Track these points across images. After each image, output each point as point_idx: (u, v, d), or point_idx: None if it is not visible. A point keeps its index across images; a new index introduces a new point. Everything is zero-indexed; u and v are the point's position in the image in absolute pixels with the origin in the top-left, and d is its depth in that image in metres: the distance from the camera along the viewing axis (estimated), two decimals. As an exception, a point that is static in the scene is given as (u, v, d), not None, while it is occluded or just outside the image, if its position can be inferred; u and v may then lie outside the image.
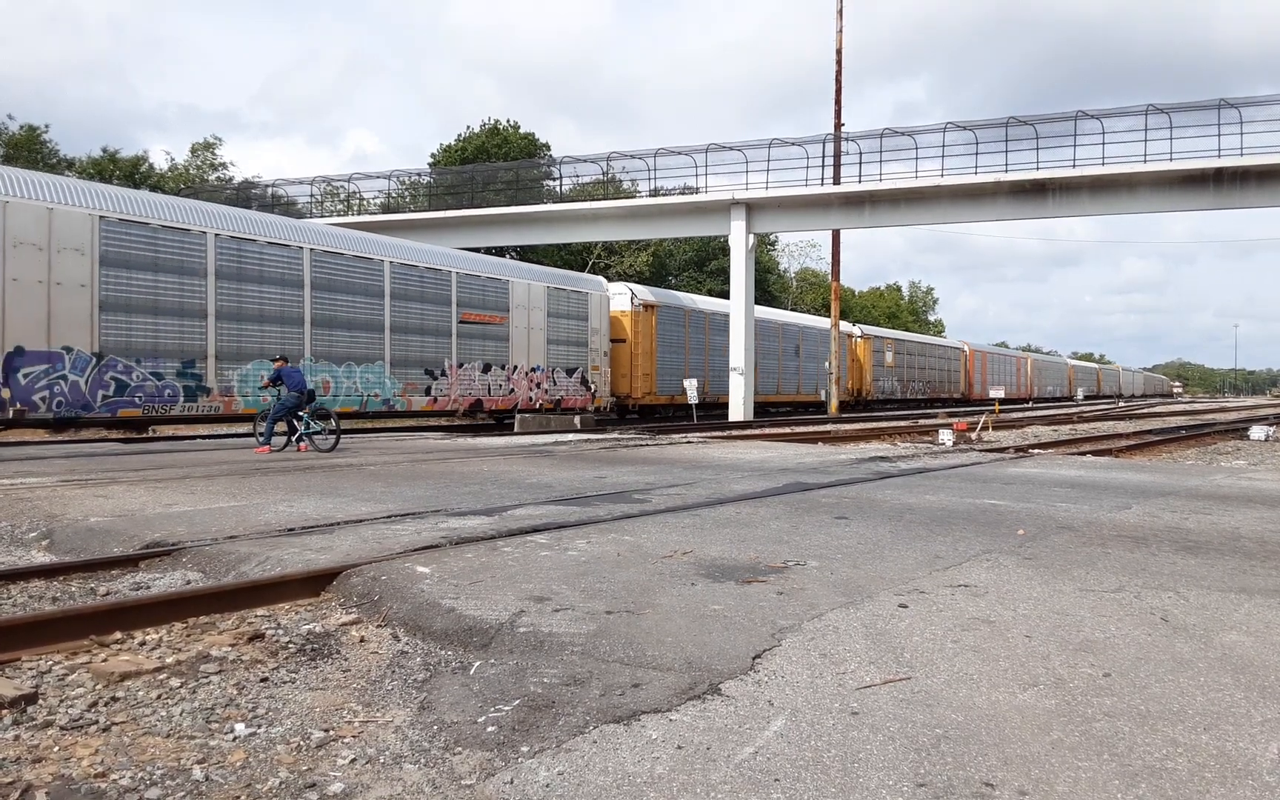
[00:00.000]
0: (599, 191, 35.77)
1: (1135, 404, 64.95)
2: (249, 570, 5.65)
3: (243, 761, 3.02)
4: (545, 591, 4.97)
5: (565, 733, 3.16)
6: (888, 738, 3.09)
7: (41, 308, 15.71)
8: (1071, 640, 4.22)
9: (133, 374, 17.00)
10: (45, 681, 3.79)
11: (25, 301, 15.45)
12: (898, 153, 30.23)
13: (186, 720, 3.38)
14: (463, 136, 56.58)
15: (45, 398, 15.86)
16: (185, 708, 3.50)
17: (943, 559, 6.07)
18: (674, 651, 3.99)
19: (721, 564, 5.79)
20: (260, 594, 5.03)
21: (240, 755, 3.07)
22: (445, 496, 8.90)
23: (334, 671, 3.97)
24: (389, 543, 6.31)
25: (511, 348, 25.12)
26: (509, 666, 3.88)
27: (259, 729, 3.31)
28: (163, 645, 4.32)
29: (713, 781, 2.78)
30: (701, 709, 3.36)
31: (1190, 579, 5.55)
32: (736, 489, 9.89)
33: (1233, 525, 7.72)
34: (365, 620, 4.71)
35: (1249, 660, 3.96)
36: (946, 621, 4.51)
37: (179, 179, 52.50)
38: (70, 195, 16.39)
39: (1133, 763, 2.91)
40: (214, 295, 18.27)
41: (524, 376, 25.58)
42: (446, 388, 23.23)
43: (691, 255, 62.81)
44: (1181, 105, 27.06)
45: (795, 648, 4.06)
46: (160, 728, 3.32)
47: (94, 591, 5.41)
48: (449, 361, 23.27)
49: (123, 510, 7.81)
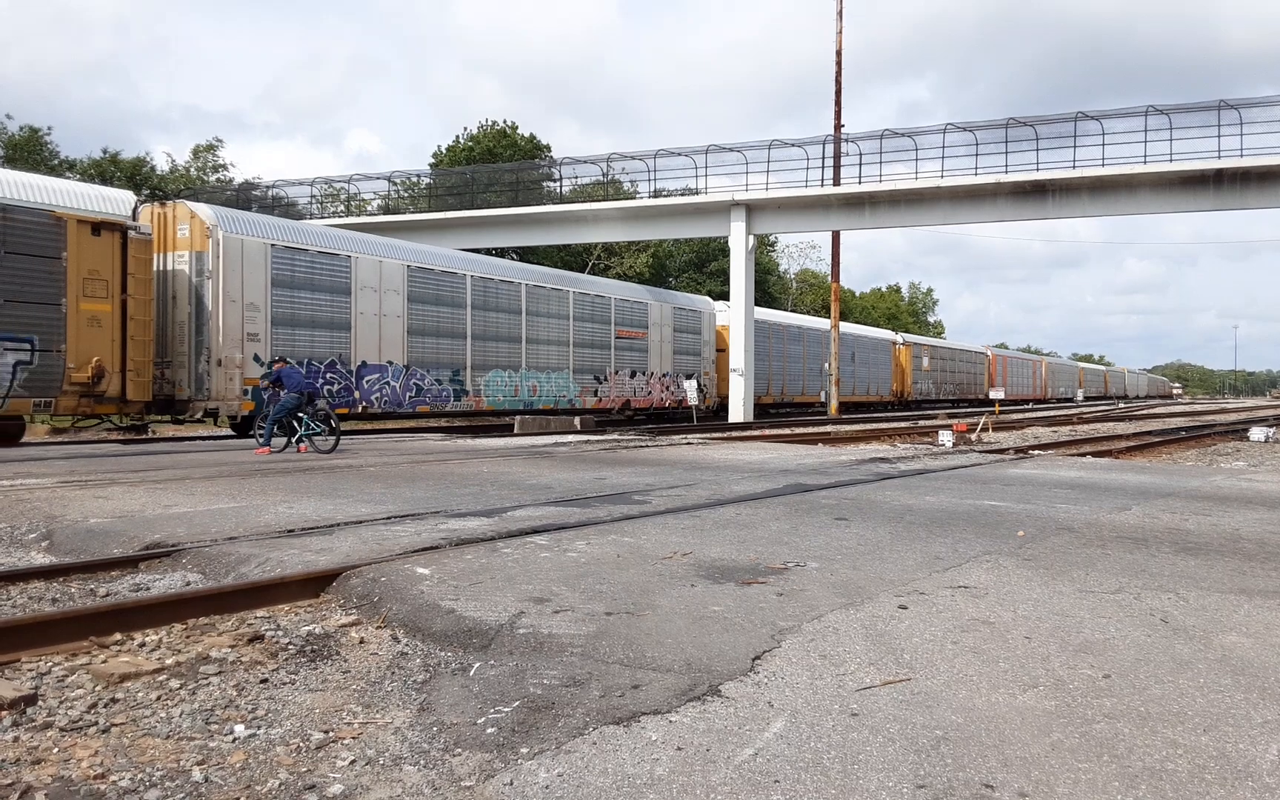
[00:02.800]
0: (599, 192, 35.78)
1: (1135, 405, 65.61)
2: (249, 571, 5.65)
3: (242, 763, 3.02)
4: (545, 593, 4.97)
5: (565, 734, 3.16)
6: (887, 739, 3.09)
7: (375, 333, 21.31)
8: (1071, 641, 4.22)
9: (425, 380, 22.55)
10: (45, 683, 3.79)
11: (366, 329, 21.12)
12: (898, 154, 30.27)
13: (186, 721, 3.38)
14: (462, 138, 56.59)
15: (377, 397, 21.31)
16: (185, 709, 3.50)
17: (943, 560, 6.07)
18: (674, 653, 3.99)
19: (721, 565, 5.79)
20: (260, 595, 5.03)
21: (240, 756, 3.07)
22: (445, 498, 8.90)
23: (334, 673, 3.97)
24: (389, 544, 6.31)
25: (649, 357, 30.80)
26: (509, 668, 3.88)
27: (258, 730, 3.31)
28: (162, 647, 4.32)
29: (712, 783, 2.77)
30: (701, 710, 3.36)
31: (1190, 580, 5.55)
32: (736, 490, 9.89)
33: (1232, 526, 7.72)
34: (365, 621, 4.71)
35: (1249, 661, 3.95)
36: (946, 623, 4.51)
37: (180, 180, 52.50)
38: (390, 251, 22.31)
39: (1132, 764, 2.91)
40: (470, 321, 24.03)
41: (658, 381, 31.09)
42: (608, 390, 28.86)
43: (691, 256, 62.81)
44: (1181, 106, 27.08)
45: (795, 649, 4.06)
46: (160, 729, 3.32)
47: (94, 593, 5.40)
48: (609, 369, 29.01)
49: (122, 511, 7.80)
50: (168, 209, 18.69)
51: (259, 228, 19.53)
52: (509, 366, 24.97)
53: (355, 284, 20.74)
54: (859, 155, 30.82)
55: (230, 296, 18.34)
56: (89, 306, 15.94)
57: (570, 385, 27.28)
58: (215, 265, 18.15)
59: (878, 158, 30.41)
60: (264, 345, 19.04)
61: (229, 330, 18.34)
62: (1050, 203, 28.47)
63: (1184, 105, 27.10)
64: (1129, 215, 29.13)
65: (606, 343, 28.67)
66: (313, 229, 22.10)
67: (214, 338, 18.16)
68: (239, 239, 18.60)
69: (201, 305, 18.14)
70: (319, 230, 22.04)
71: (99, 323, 16.10)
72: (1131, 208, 28.33)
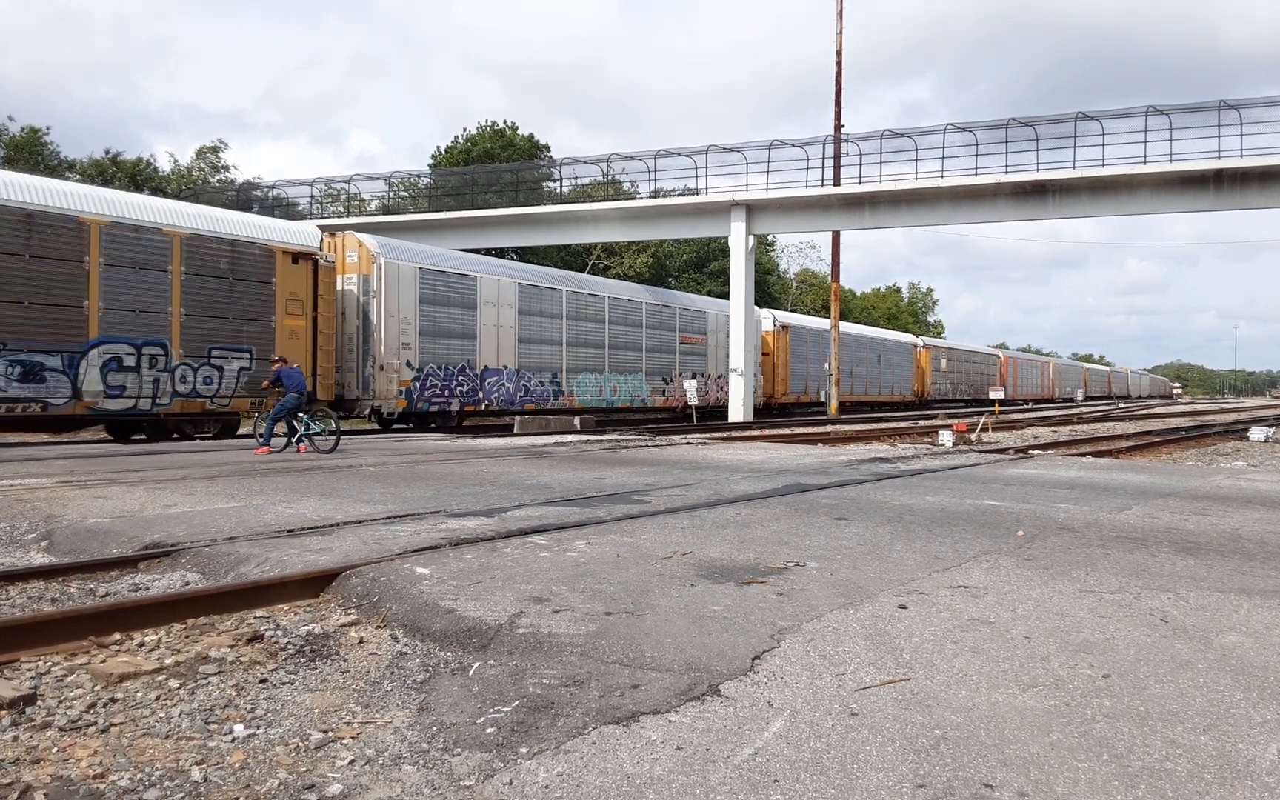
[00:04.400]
0: (599, 193, 35.74)
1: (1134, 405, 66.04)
2: (248, 571, 5.65)
3: (241, 763, 3.02)
4: (544, 593, 4.97)
5: (564, 734, 3.16)
6: (887, 739, 3.09)
7: (494, 341, 24.80)
8: (1071, 641, 4.22)
9: (532, 382, 25.99)
10: (44, 682, 3.79)
11: (487, 338, 24.57)
12: (898, 154, 30.24)
13: (185, 721, 3.38)
14: (461, 139, 56.55)
15: (496, 397, 24.83)
16: (184, 709, 3.50)
17: (942, 560, 6.07)
18: (673, 653, 3.99)
19: (721, 565, 5.79)
20: (259, 595, 5.03)
21: (239, 756, 3.07)
22: (445, 498, 8.90)
23: (333, 672, 3.97)
24: (388, 544, 6.31)
25: (707, 361, 34.19)
26: (508, 667, 3.87)
27: (258, 730, 3.31)
28: (162, 646, 4.31)
29: (712, 783, 2.77)
30: (701, 710, 3.36)
31: (1190, 580, 5.55)
32: (736, 490, 9.89)
33: (1232, 526, 7.72)
34: (364, 621, 4.71)
35: (1248, 661, 3.95)
36: (946, 622, 4.51)
37: (181, 181, 52.49)
38: (506, 272, 26.29)
39: (1132, 764, 2.91)
40: (565, 330, 27.42)
41: (713, 382, 34.25)
42: (674, 390, 32.23)
43: (691, 256, 62.79)
44: (1181, 106, 27.05)
45: (795, 649, 4.06)
46: (159, 729, 3.32)
47: (93, 592, 5.40)
48: (675, 371, 32.50)
49: (122, 511, 7.80)
50: (338, 238, 21.72)
51: (409, 254, 22.87)
52: (595, 369, 28.66)
53: (479, 300, 24.30)
54: (859, 155, 30.81)
55: (390, 312, 21.72)
56: (290, 322, 19.51)
57: (643, 386, 31.09)
58: (379, 286, 21.52)
59: (878, 158, 30.38)
60: (414, 353, 22.39)
61: (389, 340, 21.69)
62: (1050, 203, 28.45)
63: (1184, 105, 27.08)
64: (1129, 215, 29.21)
65: (673, 348, 32.44)
66: (446, 254, 25.48)
67: (378, 347, 21.55)
68: (396, 264, 21.92)
69: (367, 319, 21.57)
70: (452, 255, 25.69)
71: (297, 336, 19.65)
72: (1131, 208, 28.31)
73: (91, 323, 15.90)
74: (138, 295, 16.82)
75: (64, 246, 15.80)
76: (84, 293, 15.89)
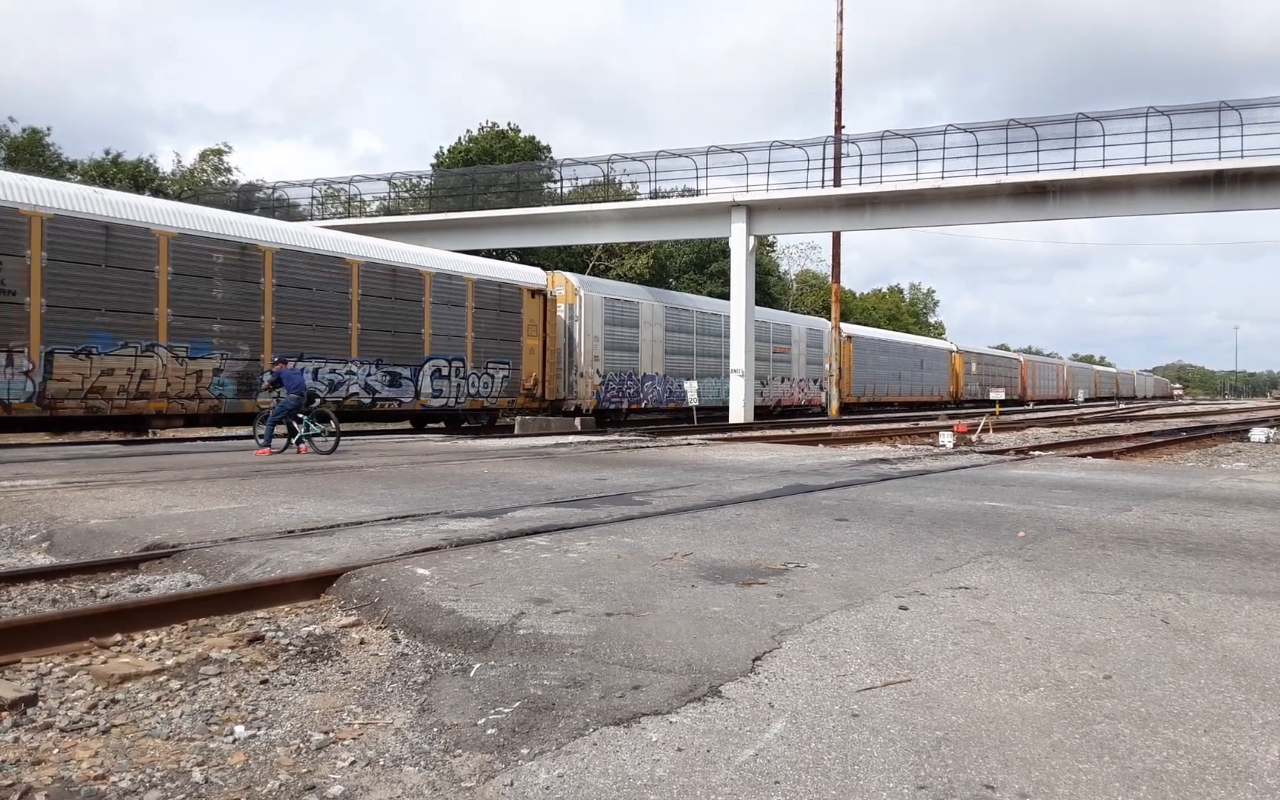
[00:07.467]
0: (600, 194, 35.75)
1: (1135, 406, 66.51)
2: (249, 572, 5.65)
3: (242, 764, 3.02)
4: (545, 594, 4.97)
5: (565, 735, 3.16)
6: (888, 740, 3.09)
7: (649, 353, 30.65)
8: (1072, 642, 4.22)
9: (674, 385, 31.54)
10: (45, 683, 3.79)
11: (645, 351, 30.39)
12: (899, 154, 30.22)
13: (186, 722, 3.38)
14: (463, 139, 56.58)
15: (651, 398, 30.62)
16: (185, 710, 3.50)
17: (943, 561, 6.07)
18: (674, 654, 3.99)
19: (722, 566, 5.79)
20: (260, 596, 5.03)
21: (240, 757, 3.07)
22: (445, 499, 8.90)
23: (334, 674, 3.97)
24: (389, 545, 6.31)
25: (792, 367, 39.46)
26: (509, 669, 3.87)
27: (259, 731, 3.31)
28: (163, 647, 4.31)
29: (713, 784, 2.77)
30: (702, 711, 3.36)
31: (1191, 581, 5.54)
32: (736, 491, 9.89)
33: (1233, 527, 7.72)
34: (365, 622, 4.71)
35: (1249, 662, 3.95)
36: (947, 623, 4.51)
37: (183, 182, 52.50)
38: (657, 298, 32.39)
39: (1133, 765, 2.91)
40: (695, 344, 33.16)
41: (797, 385, 39.65)
42: (769, 392, 37.15)
43: (692, 257, 62.76)
44: (1182, 107, 27.03)
45: (795, 650, 4.06)
46: (160, 730, 3.32)
47: (94, 593, 5.40)
48: (769, 375, 37.24)
49: (123, 512, 7.80)
50: (551, 276, 27.48)
51: (597, 287, 29.39)
52: (714, 375, 33.77)
53: (640, 320, 30.23)
54: (860, 156, 30.80)
55: (588, 333, 27.64)
56: (529, 342, 25.61)
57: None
58: (581, 312, 27.48)
59: (879, 159, 30.36)
60: (601, 363, 28.23)
61: (587, 353, 27.59)
62: (1051, 204, 28.43)
63: (1184, 106, 27.05)
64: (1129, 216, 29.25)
65: (768, 356, 37.24)
66: (619, 285, 31.94)
67: (579, 359, 27.37)
68: (590, 295, 27.99)
69: (571, 338, 27.34)
70: (622, 286, 32.24)
71: (534, 352, 25.79)
72: (1132, 209, 28.28)
73: (426, 344, 22.54)
74: (448, 325, 23.24)
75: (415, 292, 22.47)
76: (421, 322, 22.44)
